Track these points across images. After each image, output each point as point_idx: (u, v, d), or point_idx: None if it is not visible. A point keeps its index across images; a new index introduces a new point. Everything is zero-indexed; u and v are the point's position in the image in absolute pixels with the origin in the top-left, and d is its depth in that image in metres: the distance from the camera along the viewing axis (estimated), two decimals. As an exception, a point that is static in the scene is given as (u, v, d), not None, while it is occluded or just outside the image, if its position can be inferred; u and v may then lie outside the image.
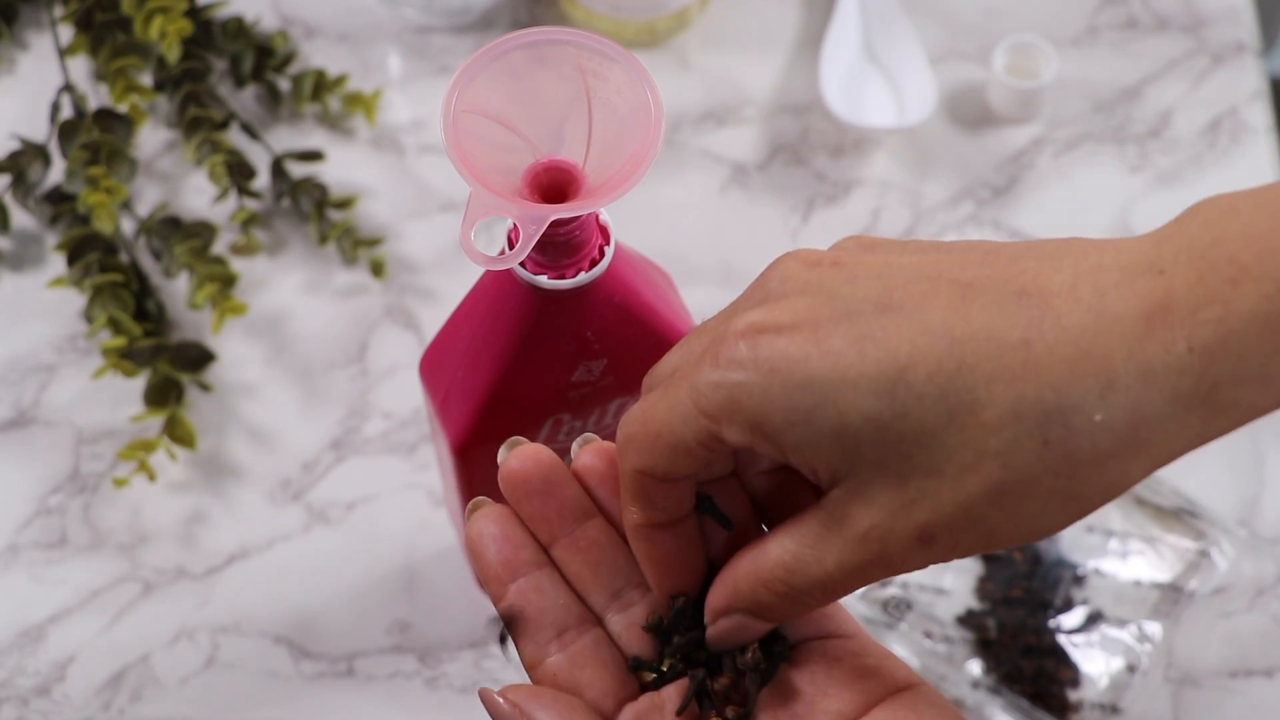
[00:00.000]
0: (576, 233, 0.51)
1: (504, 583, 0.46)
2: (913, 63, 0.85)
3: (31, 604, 0.73)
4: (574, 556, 0.47)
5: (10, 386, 0.78)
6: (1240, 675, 0.71)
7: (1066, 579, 0.71)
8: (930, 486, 0.39)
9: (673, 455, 0.42)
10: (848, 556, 0.41)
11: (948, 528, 0.39)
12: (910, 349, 0.39)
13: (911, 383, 0.38)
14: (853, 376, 0.39)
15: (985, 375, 0.38)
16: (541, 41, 0.49)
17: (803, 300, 0.41)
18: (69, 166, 0.80)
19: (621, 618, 0.47)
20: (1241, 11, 0.89)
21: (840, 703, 0.45)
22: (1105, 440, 0.37)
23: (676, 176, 0.84)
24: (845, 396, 0.39)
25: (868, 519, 0.40)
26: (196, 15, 0.85)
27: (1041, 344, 0.38)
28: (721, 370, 0.41)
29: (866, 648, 0.46)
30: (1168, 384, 0.37)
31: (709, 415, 0.41)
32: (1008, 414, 0.38)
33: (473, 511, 0.46)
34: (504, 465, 0.46)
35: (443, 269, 0.81)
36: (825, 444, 0.40)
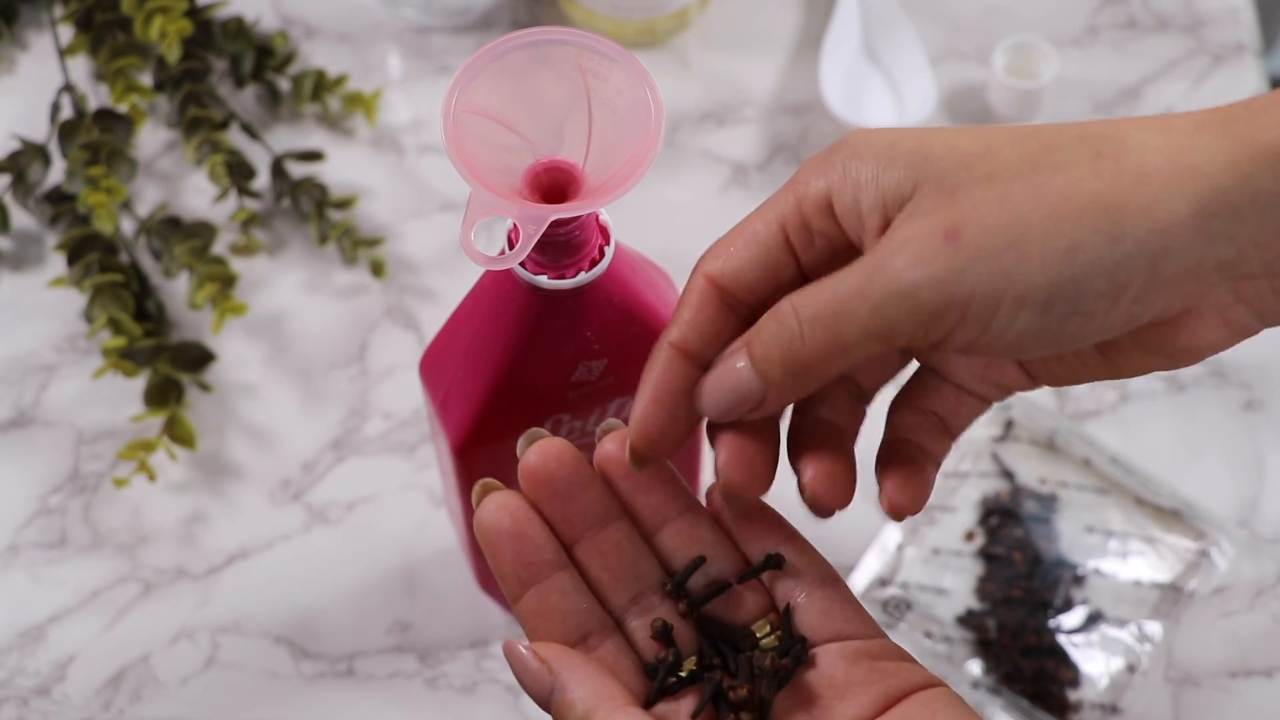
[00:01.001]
0: (576, 233, 0.51)
1: (524, 584, 0.45)
2: (913, 63, 0.85)
3: (31, 604, 0.73)
4: (594, 559, 0.46)
5: (10, 386, 0.78)
6: (1240, 675, 0.71)
7: (1066, 579, 0.71)
8: (979, 193, 0.40)
9: (748, 246, 0.43)
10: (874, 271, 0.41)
11: (979, 223, 0.40)
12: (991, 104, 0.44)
13: (989, 124, 0.43)
14: (940, 123, 0.42)
15: (1061, 126, 0.41)
16: (541, 41, 0.49)
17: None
18: (69, 166, 0.80)
19: (641, 623, 0.46)
20: (1241, 11, 0.89)
21: (857, 706, 0.45)
22: (1153, 158, 0.40)
23: (676, 176, 0.84)
24: (926, 137, 0.42)
25: (905, 230, 0.41)
26: (196, 15, 0.85)
27: (1116, 131, 0.41)
28: (811, 157, 0.43)
29: (885, 650, 0.46)
30: (1218, 126, 0.41)
31: (798, 183, 0.43)
32: (1071, 138, 0.41)
33: (482, 496, 0.45)
34: (524, 460, 0.45)
35: (443, 269, 0.81)
36: (900, 164, 0.41)
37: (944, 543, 0.72)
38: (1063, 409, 0.76)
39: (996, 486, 0.73)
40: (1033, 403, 0.75)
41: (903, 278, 0.40)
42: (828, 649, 0.46)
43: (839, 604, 0.46)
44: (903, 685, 0.45)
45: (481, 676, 0.71)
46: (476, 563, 0.71)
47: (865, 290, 0.41)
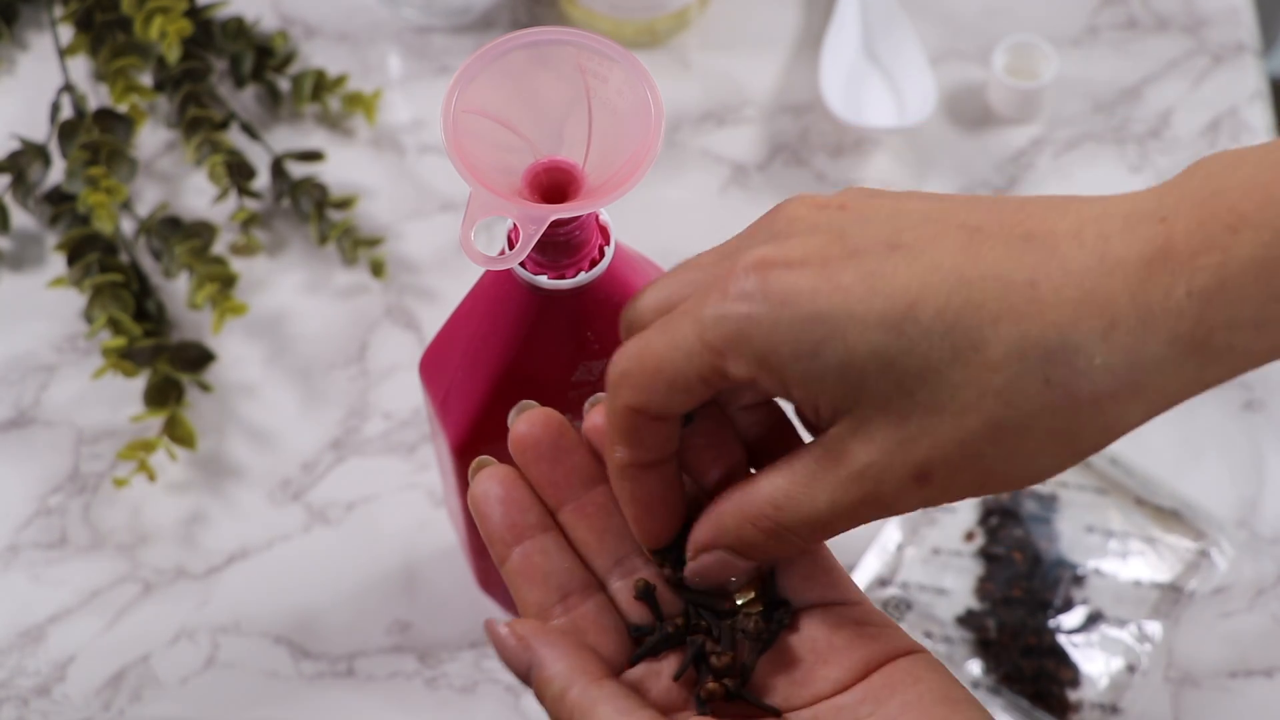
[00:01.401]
0: (576, 233, 0.51)
1: (509, 545, 0.46)
2: (913, 63, 0.85)
3: (31, 604, 0.73)
4: (580, 521, 0.47)
5: (10, 386, 0.78)
6: (1240, 675, 0.71)
7: (1066, 579, 0.71)
8: (931, 424, 0.40)
9: (670, 391, 0.42)
10: (840, 494, 0.41)
11: (945, 465, 0.40)
12: (919, 286, 0.39)
13: (919, 319, 0.39)
14: (861, 311, 0.39)
15: (991, 314, 0.39)
16: (541, 41, 0.49)
17: (812, 238, 0.41)
18: (69, 166, 0.80)
19: (624, 584, 0.47)
20: (1241, 12, 0.89)
21: (840, 669, 0.45)
22: (1105, 381, 0.38)
23: (676, 176, 0.84)
24: (853, 331, 0.39)
25: (865, 455, 0.41)
26: (196, 15, 0.85)
27: (1047, 285, 0.38)
28: (730, 303, 0.41)
29: (869, 615, 0.46)
30: (1166, 327, 0.38)
31: (715, 348, 0.41)
32: (1012, 352, 0.38)
33: (477, 471, 0.47)
34: (513, 429, 0.46)
35: (443, 269, 0.81)
36: (830, 379, 0.40)
37: (944, 543, 0.72)
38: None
39: (996, 486, 0.73)
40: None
41: (885, 508, 0.41)
42: (810, 614, 0.46)
43: (823, 570, 0.47)
44: (885, 650, 0.45)
45: (481, 676, 0.71)
46: (476, 563, 0.71)
47: (843, 512, 0.42)
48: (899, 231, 0.40)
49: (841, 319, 0.40)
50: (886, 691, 0.44)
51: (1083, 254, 0.38)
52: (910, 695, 0.44)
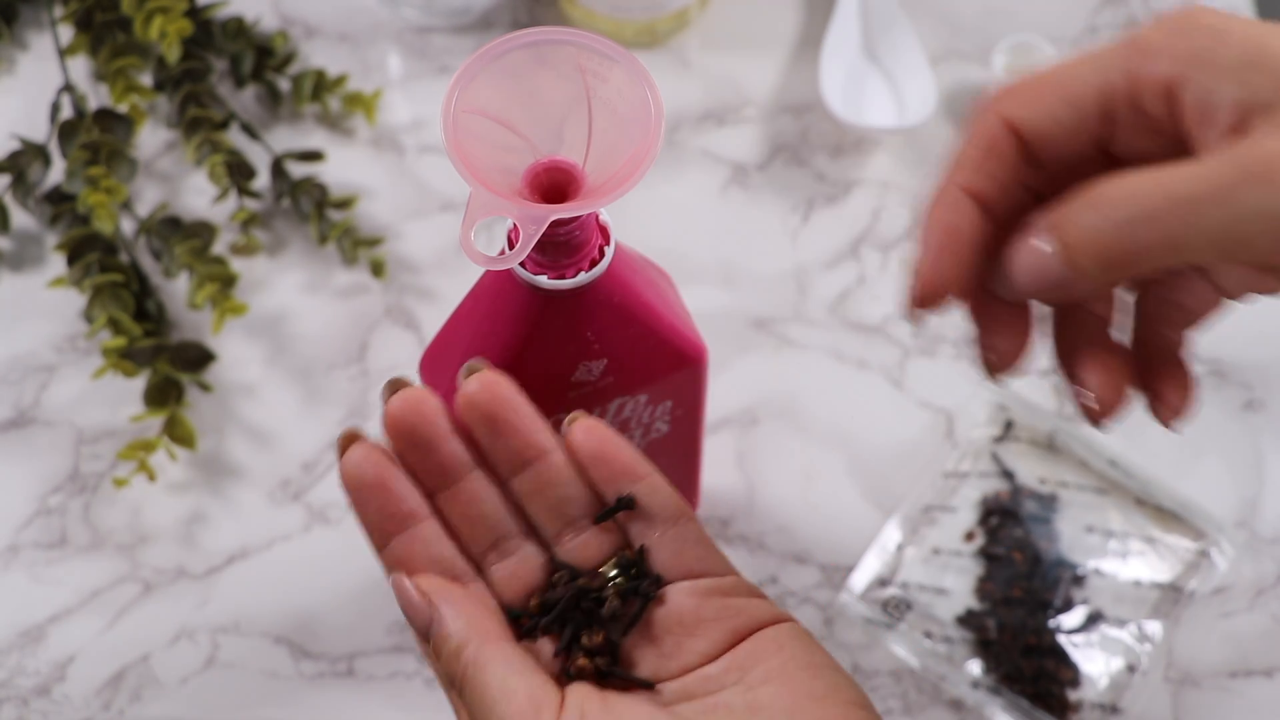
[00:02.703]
0: (576, 233, 0.51)
1: (387, 534, 0.48)
2: (913, 63, 0.85)
3: (31, 604, 0.73)
4: (454, 509, 0.48)
5: (10, 386, 0.78)
6: (1240, 675, 0.71)
7: (1066, 579, 0.71)
8: None
9: (1063, 105, 0.41)
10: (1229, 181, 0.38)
11: None
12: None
13: None
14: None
15: None
16: (541, 41, 0.49)
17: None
18: (69, 166, 0.80)
19: (501, 567, 0.49)
20: (1241, 12, 0.89)
21: (707, 642, 0.47)
22: None
23: (676, 176, 0.84)
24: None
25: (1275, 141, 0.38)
26: (196, 15, 0.85)
27: None
28: (1155, 25, 0.40)
29: (736, 587, 0.48)
30: None
31: (1136, 51, 0.40)
32: None
33: (346, 445, 0.48)
34: (388, 408, 0.48)
35: (443, 269, 0.81)
36: (1267, 76, 0.39)
37: (944, 543, 0.72)
38: (1062, 409, 0.76)
39: (996, 486, 0.73)
40: (1033, 403, 0.75)
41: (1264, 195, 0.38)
42: (679, 587, 0.48)
43: (690, 543, 0.48)
44: (751, 621, 0.47)
45: (481, 676, 0.71)
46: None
47: (1226, 197, 0.38)
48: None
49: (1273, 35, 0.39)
50: (751, 660, 0.46)
51: None
52: (774, 663, 0.46)
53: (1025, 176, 0.43)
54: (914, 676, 0.70)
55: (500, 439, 0.48)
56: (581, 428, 0.49)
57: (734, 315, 0.78)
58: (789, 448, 0.76)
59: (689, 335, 0.58)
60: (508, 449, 0.49)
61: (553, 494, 0.49)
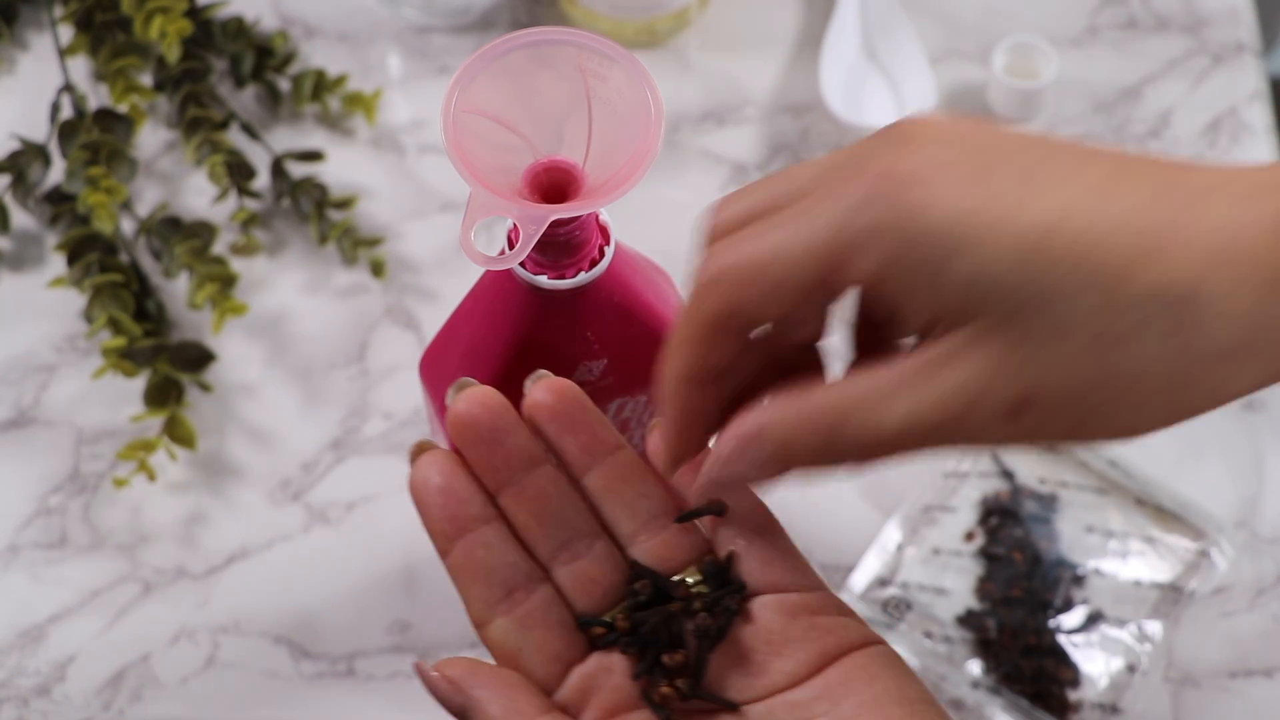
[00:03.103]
0: (576, 233, 0.51)
1: (451, 538, 0.45)
2: (913, 63, 0.85)
3: (31, 604, 0.73)
4: (521, 506, 0.46)
5: (10, 386, 0.78)
6: (1240, 675, 0.71)
7: (1066, 579, 0.71)
8: (1043, 353, 0.38)
9: (772, 292, 0.40)
10: (923, 410, 0.39)
11: (1046, 400, 0.38)
12: (1059, 213, 0.37)
13: (1053, 247, 0.37)
14: (996, 231, 0.38)
15: (1132, 250, 0.37)
16: (541, 41, 0.49)
17: (946, 151, 0.39)
18: (69, 166, 0.80)
19: (569, 570, 0.46)
20: (1241, 11, 0.89)
21: (794, 662, 0.44)
22: (1225, 337, 0.37)
23: (676, 176, 0.84)
24: (985, 250, 0.38)
25: (965, 373, 0.39)
26: (196, 15, 0.85)
27: (1192, 229, 0.37)
28: (863, 204, 0.39)
29: (825, 604, 0.45)
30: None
31: (838, 248, 0.39)
32: (1145, 292, 0.37)
33: (418, 455, 0.46)
34: (451, 408, 0.45)
35: (443, 269, 0.81)
36: (951, 293, 0.38)
37: (944, 543, 0.72)
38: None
39: (996, 486, 0.73)
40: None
41: (962, 436, 0.39)
42: (765, 601, 0.45)
43: (779, 554, 0.46)
44: (841, 643, 0.44)
45: (481, 676, 0.71)
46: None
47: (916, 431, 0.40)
48: (1039, 157, 0.39)
49: (975, 236, 0.38)
50: (842, 689, 0.44)
51: (1223, 205, 0.37)
52: (866, 695, 0.43)
53: (743, 347, 0.43)
54: (914, 676, 0.70)
55: (570, 435, 0.46)
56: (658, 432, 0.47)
57: (734, 315, 0.78)
58: (789, 448, 0.76)
59: (689, 335, 0.58)
60: (578, 445, 0.46)
61: (628, 490, 0.46)
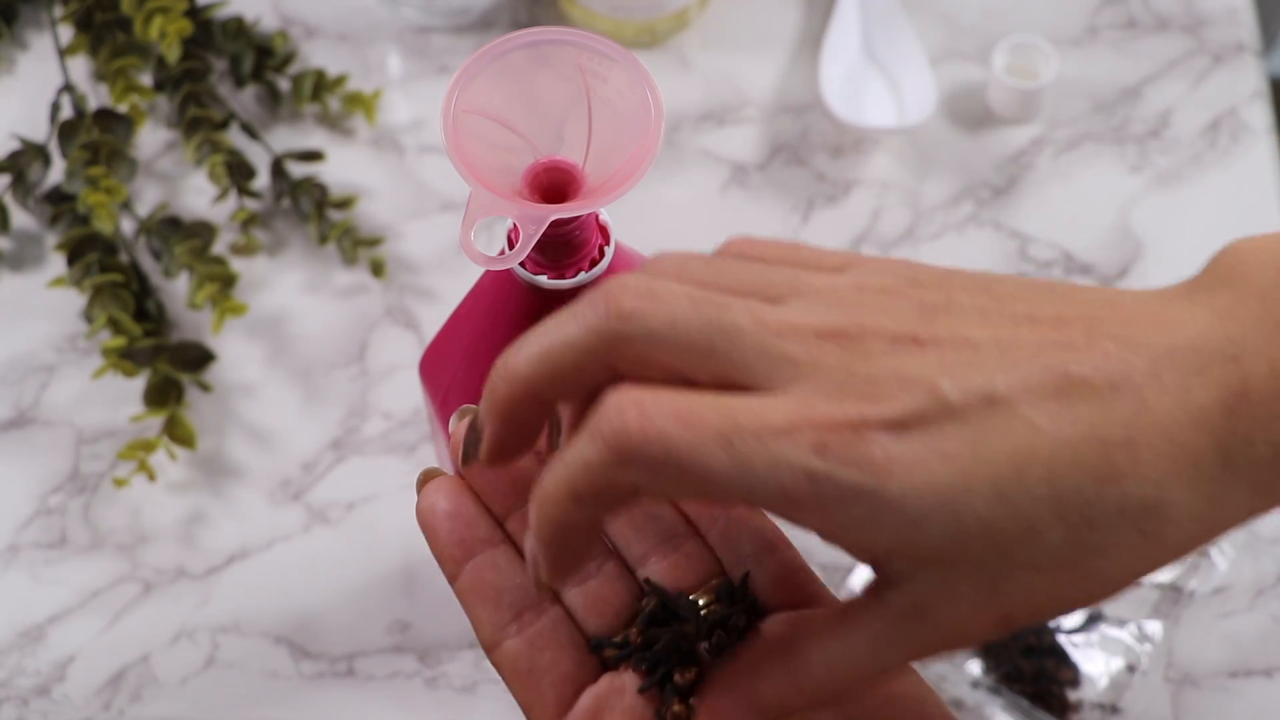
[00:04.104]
0: (576, 233, 0.51)
1: (459, 562, 0.45)
2: (913, 63, 0.85)
3: (31, 604, 0.73)
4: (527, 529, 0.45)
5: (10, 386, 0.78)
6: (1240, 675, 0.71)
7: (1066, 579, 0.71)
8: (1025, 580, 0.39)
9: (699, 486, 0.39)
10: (914, 652, 0.40)
11: (1031, 613, 0.39)
12: (1026, 452, 0.38)
13: (1025, 484, 0.38)
14: (969, 482, 0.38)
15: (1095, 475, 0.38)
16: (541, 41, 0.49)
17: (907, 393, 0.38)
18: (69, 166, 0.80)
19: (579, 591, 0.46)
20: (1241, 11, 0.89)
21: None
22: (1193, 528, 0.39)
23: (676, 176, 0.84)
24: (961, 501, 0.38)
25: (952, 614, 0.39)
26: (196, 15, 0.85)
27: (1143, 443, 0.38)
28: (831, 466, 0.38)
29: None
30: (1248, 477, 0.39)
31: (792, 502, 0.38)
32: (1112, 511, 0.38)
33: (424, 483, 0.46)
34: (454, 434, 0.45)
35: (443, 269, 0.81)
36: (928, 544, 0.38)
37: (944, 543, 0.72)
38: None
39: (996, 486, 0.73)
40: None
41: (948, 653, 0.41)
42: (779, 618, 0.45)
43: (791, 571, 0.46)
44: None
45: (481, 676, 0.71)
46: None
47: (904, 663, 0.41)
48: (989, 376, 0.39)
49: (950, 490, 0.38)
50: (852, 698, 0.44)
51: (1168, 403, 0.38)
52: (878, 699, 0.44)
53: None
54: (914, 676, 0.70)
55: None
56: None
57: (734, 315, 0.78)
58: (789, 448, 0.76)
59: (689, 335, 0.58)
60: None
61: (638, 512, 0.46)
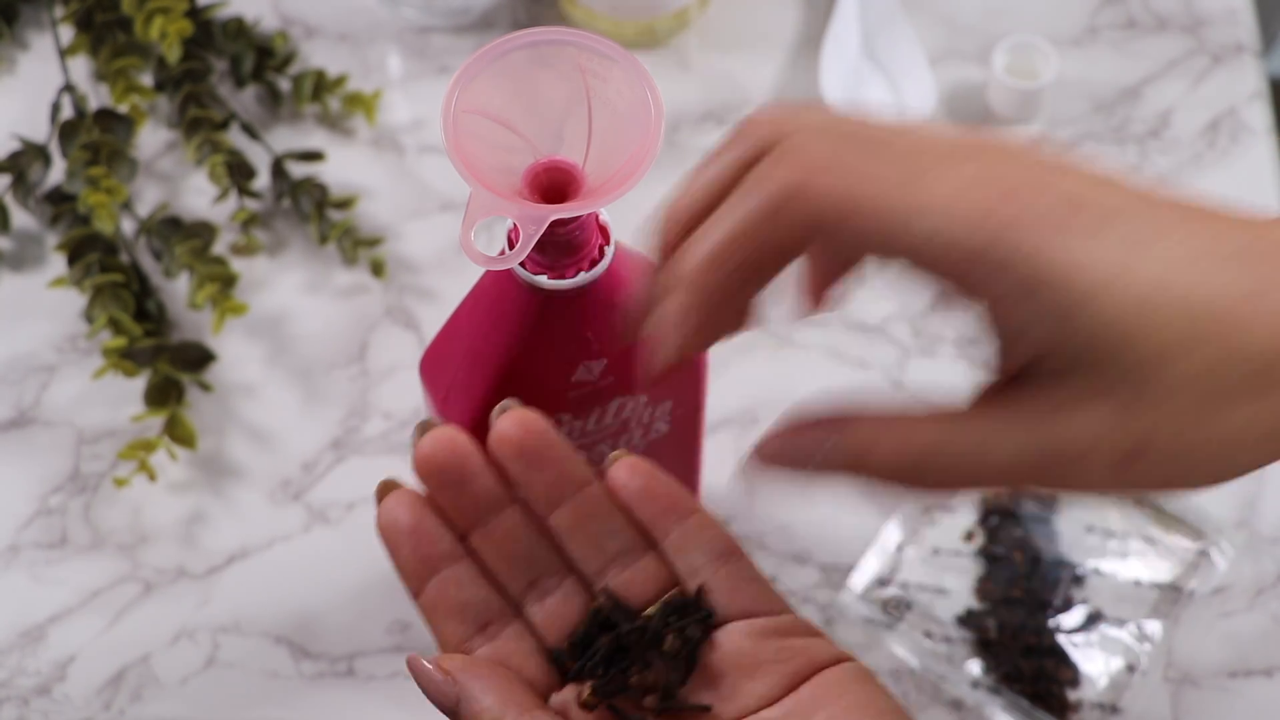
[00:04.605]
0: (576, 233, 0.51)
1: (422, 579, 0.46)
2: (913, 63, 0.85)
3: (31, 604, 0.73)
4: (489, 547, 0.46)
5: (10, 386, 0.78)
6: (1240, 675, 0.71)
7: (1066, 579, 0.71)
8: (1159, 408, 0.40)
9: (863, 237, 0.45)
10: (1031, 455, 0.41)
11: (1154, 454, 0.40)
12: (1176, 270, 0.39)
13: (1169, 303, 0.39)
14: (1119, 286, 0.39)
15: (1235, 312, 0.39)
16: (541, 41, 0.49)
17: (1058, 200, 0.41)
18: (69, 167, 0.80)
19: (540, 608, 0.46)
20: (1241, 12, 0.89)
21: (765, 685, 0.45)
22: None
23: (677, 176, 0.84)
24: (1109, 301, 0.39)
25: (1082, 423, 0.40)
26: (197, 15, 0.85)
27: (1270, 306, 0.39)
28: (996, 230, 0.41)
29: (794, 626, 0.46)
30: None
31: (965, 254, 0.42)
32: (1249, 352, 0.39)
33: (383, 494, 0.46)
34: (417, 449, 0.46)
35: (443, 269, 0.81)
36: (1073, 341, 0.40)
37: (944, 543, 0.72)
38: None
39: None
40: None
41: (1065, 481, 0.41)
42: (734, 627, 0.46)
43: (745, 580, 0.47)
44: (811, 662, 0.45)
45: (481, 676, 0.71)
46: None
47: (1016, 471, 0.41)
48: (1142, 206, 0.41)
49: (1098, 289, 0.39)
50: (813, 705, 0.44)
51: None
52: (836, 708, 0.44)
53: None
54: (914, 676, 0.70)
55: (536, 472, 0.46)
56: (626, 465, 0.47)
57: (734, 315, 0.78)
58: (789, 448, 0.76)
59: (689, 335, 0.58)
60: (544, 483, 0.46)
61: (594, 527, 0.47)
